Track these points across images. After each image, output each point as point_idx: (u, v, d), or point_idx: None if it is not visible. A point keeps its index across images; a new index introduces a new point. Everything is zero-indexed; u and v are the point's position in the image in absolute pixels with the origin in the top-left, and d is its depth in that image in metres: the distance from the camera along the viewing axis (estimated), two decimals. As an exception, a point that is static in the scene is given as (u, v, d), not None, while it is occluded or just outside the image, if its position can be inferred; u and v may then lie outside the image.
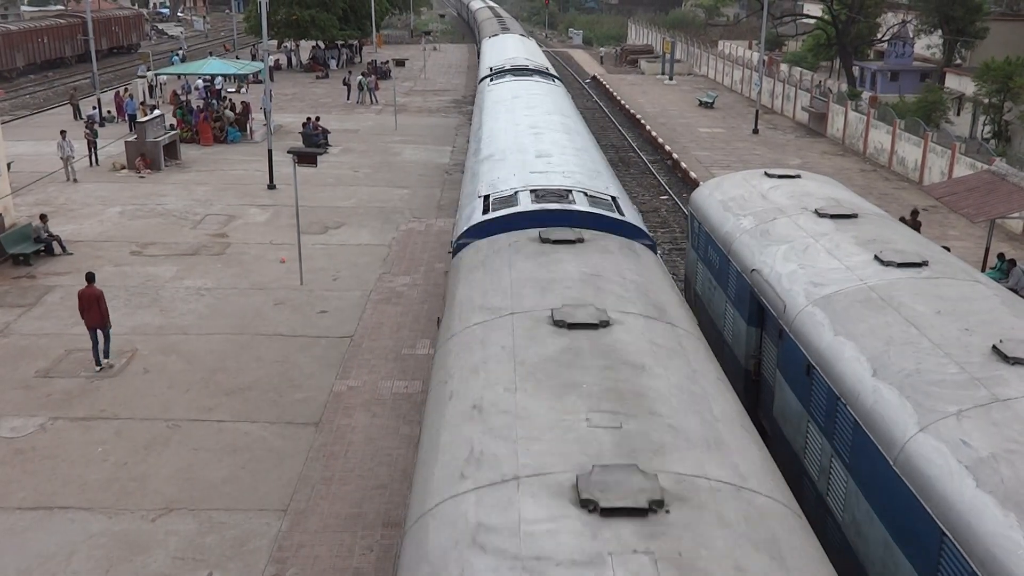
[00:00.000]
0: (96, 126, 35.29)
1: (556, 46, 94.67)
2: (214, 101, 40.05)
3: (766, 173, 15.26)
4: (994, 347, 8.35)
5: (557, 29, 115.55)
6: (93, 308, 15.69)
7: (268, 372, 15.84)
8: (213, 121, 36.48)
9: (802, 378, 9.80)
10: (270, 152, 28.82)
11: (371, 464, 12.95)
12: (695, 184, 28.41)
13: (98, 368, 15.80)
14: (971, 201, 19.26)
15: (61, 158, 28.91)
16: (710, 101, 50.32)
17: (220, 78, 45.69)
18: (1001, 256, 20.27)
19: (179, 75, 46.69)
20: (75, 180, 28.93)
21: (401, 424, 14.00)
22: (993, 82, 36.77)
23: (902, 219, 19.54)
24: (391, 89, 47.21)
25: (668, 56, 64.32)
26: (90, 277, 16.25)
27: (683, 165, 34.20)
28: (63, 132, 29.91)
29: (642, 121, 44.77)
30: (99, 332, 15.78)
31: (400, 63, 65.25)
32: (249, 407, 14.61)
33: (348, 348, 16.87)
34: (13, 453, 13.16)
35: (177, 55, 61.44)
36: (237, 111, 38.18)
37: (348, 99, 48.49)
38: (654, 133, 41.31)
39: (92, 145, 31.47)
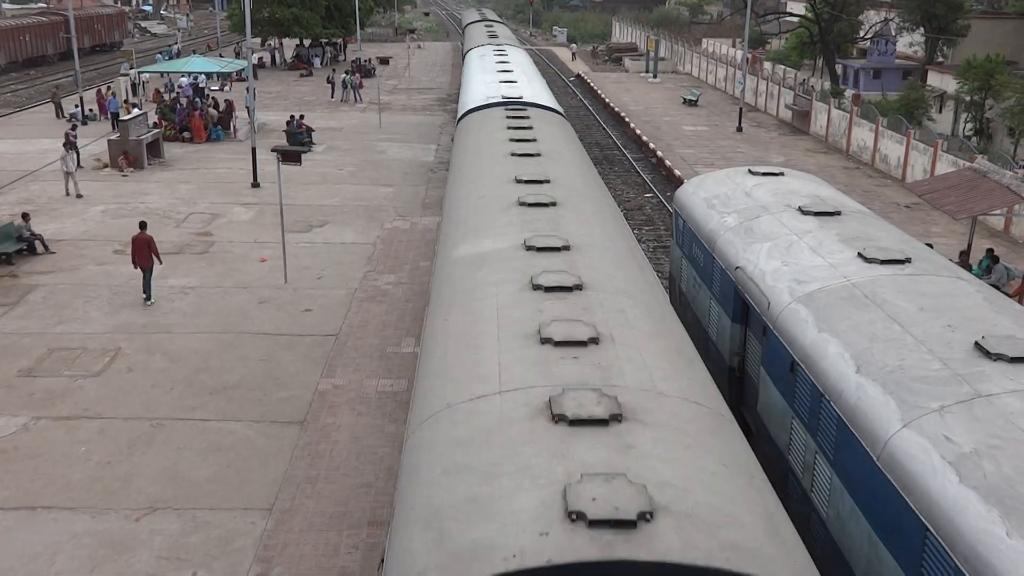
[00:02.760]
0: (79, 126, 35.04)
1: (540, 44, 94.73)
2: (197, 99, 39.84)
3: (750, 171, 15.31)
4: (976, 343, 8.41)
5: (541, 27, 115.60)
6: (144, 251, 18.45)
7: (253, 371, 15.77)
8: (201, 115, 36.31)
9: (786, 375, 9.85)
10: (254, 150, 28.69)
11: (356, 463, 12.92)
12: (679, 182, 28.49)
13: (150, 302, 18.63)
14: (953, 198, 19.40)
15: (64, 172, 26.84)
16: (694, 99, 50.47)
17: (203, 76, 45.44)
18: (989, 251, 20.38)
19: (162, 73, 46.43)
20: (79, 195, 26.67)
21: (386, 422, 13.97)
22: (975, 80, 37.05)
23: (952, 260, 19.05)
24: (375, 87, 47.10)
25: (652, 54, 64.47)
26: (143, 225, 19.12)
27: (667, 163, 34.29)
28: (66, 144, 28.18)
29: (626, 119, 44.85)
30: (147, 273, 18.57)
31: (384, 61, 65.12)
32: (234, 406, 14.54)
33: (333, 346, 16.82)
34: (-5, 454, 13.05)
35: (172, 49, 61.69)
36: (221, 109, 37.98)
37: (332, 97, 48.33)
38: (638, 131, 41.39)
39: (73, 146, 31.16)
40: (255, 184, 28.42)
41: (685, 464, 6.03)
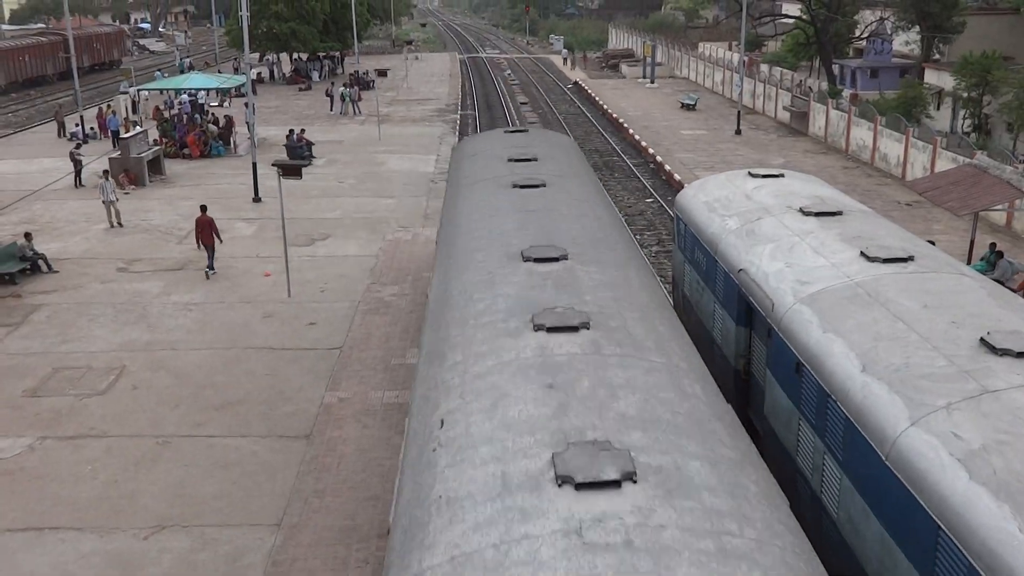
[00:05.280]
0: (82, 144, 35.13)
1: (537, 52, 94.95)
2: (197, 116, 39.93)
3: (750, 173, 15.31)
4: (982, 339, 8.39)
5: (538, 35, 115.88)
6: (206, 231, 21.29)
7: (258, 386, 15.75)
8: (196, 133, 36.41)
9: (792, 376, 9.82)
10: (255, 165, 28.73)
11: (363, 475, 12.89)
12: (679, 186, 28.49)
13: (213, 271, 21.36)
14: (954, 195, 19.37)
15: (103, 202, 25.67)
16: (692, 103, 50.51)
17: (203, 92, 45.57)
18: (992, 246, 20.35)
19: (162, 90, 46.58)
20: (120, 224, 25.63)
21: (392, 434, 13.94)
22: (972, 76, 37.02)
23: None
24: (374, 99, 47.19)
25: (649, 59, 64.57)
26: (203, 208, 21.90)
27: (667, 167, 34.29)
28: (106, 172, 27.13)
29: (625, 125, 44.88)
30: (210, 250, 21.31)
31: (382, 73, 65.26)
32: (239, 421, 14.53)
33: (337, 360, 16.80)
34: (1, 474, 13.02)
35: (184, 63, 62.99)
36: (220, 125, 38.08)
37: (331, 110, 48.44)
38: (637, 136, 41.41)
39: (79, 163, 31.19)
40: (256, 199, 28.46)
41: None
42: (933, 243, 12.87)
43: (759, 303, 11.04)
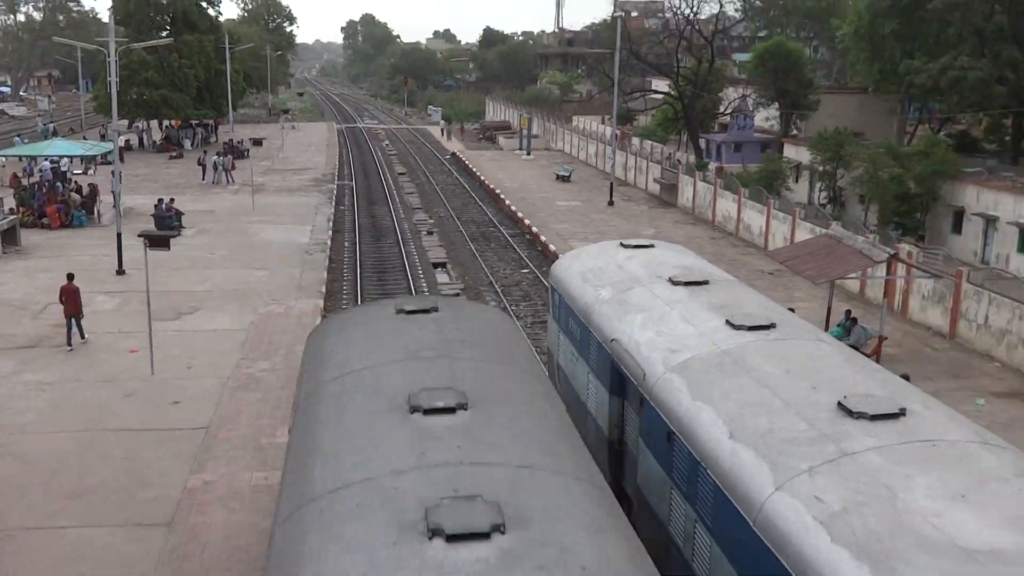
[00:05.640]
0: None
1: (415, 123, 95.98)
2: (59, 184, 38.22)
3: (622, 244, 15.65)
4: (839, 403, 8.70)
5: (416, 107, 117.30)
6: (71, 300, 20.48)
7: (115, 471, 14.79)
8: (58, 203, 34.78)
9: (664, 445, 9.91)
10: (119, 236, 27.60)
11: (228, 563, 12.18)
12: (554, 256, 28.94)
13: (70, 348, 20.22)
14: (812, 264, 20.36)
15: None
16: (567, 175, 51.86)
17: (66, 160, 43.78)
18: (847, 313, 21.48)
19: (21, 157, 44.50)
20: None
21: (261, 518, 13.27)
22: (826, 151, 39.48)
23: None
24: (248, 168, 46.41)
25: (525, 132, 66.15)
26: (70, 276, 21.05)
27: (542, 238, 34.86)
28: None
29: (502, 196, 45.55)
30: (74, 320, 20.49)
31: (258, 142, 64.43)
32: (94, 510, 13.55)
33: (203, 440, 16.00)
34: None
35: (48, 128, 60.06)
36: (84, 194, 36.54)
37: (204, 179, 47.31)
38: (514, 208, 42.05)
39: None
40: (120, 271, 27.27)
41: None
42: (793, 310, 13.39)
43: (631, 372, 11.16)
